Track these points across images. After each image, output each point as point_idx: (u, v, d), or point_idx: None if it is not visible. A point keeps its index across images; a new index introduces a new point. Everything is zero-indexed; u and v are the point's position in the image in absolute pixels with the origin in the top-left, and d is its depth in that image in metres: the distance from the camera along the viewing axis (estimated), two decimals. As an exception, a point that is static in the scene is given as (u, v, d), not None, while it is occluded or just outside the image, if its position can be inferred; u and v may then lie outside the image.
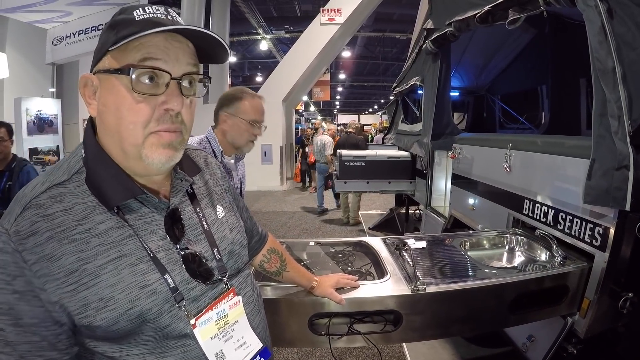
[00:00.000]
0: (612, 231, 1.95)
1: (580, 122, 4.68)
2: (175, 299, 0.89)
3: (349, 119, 34.73)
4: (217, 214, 1.09)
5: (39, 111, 8.48)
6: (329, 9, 11.29)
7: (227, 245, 1.06)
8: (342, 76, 28.34)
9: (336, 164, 6.11)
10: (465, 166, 3.79)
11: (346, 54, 21.21)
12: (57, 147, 8.78)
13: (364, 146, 7.79)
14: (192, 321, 0.91)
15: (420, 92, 5.28)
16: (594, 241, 2.07)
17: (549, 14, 2.40)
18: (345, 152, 5.90)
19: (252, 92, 2.24)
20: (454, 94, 5.99)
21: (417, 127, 5.21)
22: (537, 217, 2.54)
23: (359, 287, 1.77)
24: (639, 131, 1.78)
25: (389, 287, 1.82)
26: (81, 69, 10.18)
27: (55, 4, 7.79)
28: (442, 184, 4.73)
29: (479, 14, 3.00)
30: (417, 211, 6.63)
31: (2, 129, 3.26)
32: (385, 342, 1.88)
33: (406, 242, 2.23)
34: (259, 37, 19.08)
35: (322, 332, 1.76)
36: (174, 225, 0.95)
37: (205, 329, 0.94)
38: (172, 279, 0.89)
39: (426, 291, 1.78)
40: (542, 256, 2.34)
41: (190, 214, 1.01)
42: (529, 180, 2.69)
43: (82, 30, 8.54)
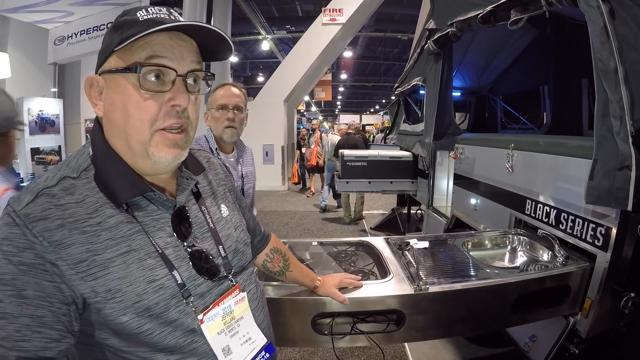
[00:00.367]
0: (614, 231, 1.96)
1: (582, 122, 4.67)
2: (182, 294, 0.91)
3: (350, 119, 34.75)
4: (222, 212, 1.11)
5: (40, 111, 8.48)
6: (330, 9, 11.28)
7: (232, 243, 1.08)
8: (343, 76, 28.32)
9: (338, 164, 6.12)
10: (467, 166, 3.79)
11: (348, 54, 21.18)
12: (59, 147, 8.78)
13: (363, 146, 7.81)
14: (200, 316, 0.93)
15: (422, 92, 5.27)
16: (596, 241, 2.07)
17: (551, 14, 2.40)
18: (347, 152, 5.90)
19: (224, 82, 2.29)
20: (456, 94, 5.98)
21: (419, 127, 5.21)
22: (539, 217, 2.54)
23: (362, 286, 1.78)
24: (641, 131, 1.79)
25: (391, 287, 1.83)
26: (83, 69, 10.17)
27: (57, 4, 7.78)
28: (444, 184, 4.73)
29: (481, 14, 3.00)
30: (419, 211, 6.64)
31: None
32: (387, 341, 1.88)
33: (409, 242, 2.24)
34: (260, 37, 19.06)
35: (325, 332, 1.77)
36: (181, 223, 0.97)
37: (212, 325, 0.95)
38: (179, 275, 0.91)
39: (429, 291, 1.79)
40: (544, 256, 2.34)
41: (196, 212, 1.03)
42: (531, 180, 2.69)
43: (84, 30, 8.53)
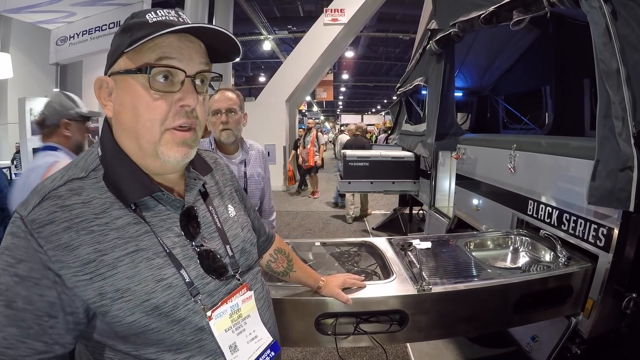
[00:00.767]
0: (616, 232, 1.96)
1: (583, 122, 4.67)
2: (191, 293, 0.92)
3: (352, 119, 34.76)
4: (229, 212, 1.12)
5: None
6: (332, 9, 11.28)
7: (239, 242, 1.09)
8: (345, 76, 28.33)
9: (340, 164, 6.13)
10: (469, 167, 3.80)
11: (349, 54, 21.19)
12: (61, 147, 8.79)
13: (370, 148, 7.83)
14: (209, 313, 0.94)
15: (424, 92, 5.28)
16: (598, 242, 2.08)
17: (553, 14, 2.40)
18: (349, 152, 5.91)
19: (219, 88, 2.36)
20: (458, 94, 5.99)
21: (421, 127, 5.22)
22: (541, 218, 2.55)
23: (365, 287, 1.79)
24: (643, 132, 1.79)
25: (394, 287, 1.83)
26: (85, 70, 10.18)
27: (59, 4, 7.79)
28: (446, 184, 4.73)
29: (483, 15, 3.00)
30: (421, 211, 6.65)
31: None
32: (390, 341, 1.89)
33: (411, 243, 2.23)
34: (262, 37, 19.07)
35: (329, 332, 1.77)
36: (189, 223, 0.98)
37: (220, 322, 0.96)
38: (187, 274, 0.92)
39: (432, 291, 1.80)
40: (546, 257, 2.35)
41: (204, 212, 1.04)
42: (533, 181, 2.70)
43: (86, 30, 8.53)
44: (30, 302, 0.79)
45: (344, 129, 16.43)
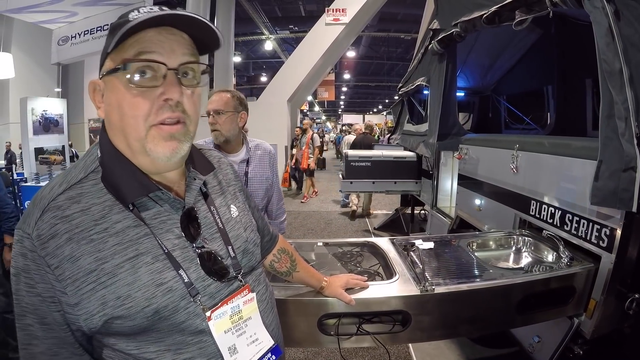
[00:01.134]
0: (618, 232, 1.96)
1: (586, 123, 4.66)
2: (190, 293, 0.91)
3: (353, 119, 34.77)
4: (231, 212, 1.11)
5: (44, 111, 8.52)
6: (333, 9, 11.27)
7: (241, 243, 1.07)
8: (346, 76, 28.35)
9: (342, 164, 6.13)
10: (471, 167, 3.79)
11: (351, 54, 21.18)
12: (63, 146, 8.81)
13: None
14: (208, 313, 0.93)
15: (426, 92, 5.28)
16: (600, 242, 2.07)
17: (555, 14, 2.40)
18: (351, 152, 5.91)
19: (216, 89, 2.48)
20: (460, 94, 5.98)
21: (423, 127, 5.22)
22: (544, 218, 2.54)
23: (368, 287, 1.78)
24: (646, 133, 1.79)
25: (397, 288, 1.83)
26: (86, 69, 10.23)
27: (60, 4, 7.81)
28: (448, 184, 4.73)
29: (485, 15, 3.00)
30: (423, 211, 6.65)
31: None
32: (393, 342, 1.89)
33: (414, 243, 2.24)
34: (263, 37, 19.12)
35: (331, 333, 1.77)
36: (190, 224, 0.97)
37: (219, 323, 0.96)
38: (186, 275, 0.91)
39: (435, 292, 1.79)
40: (549, 257, 2.34)
41: (205, 212, 1.03)
42: (535, 181, 2.69)
43: (88, 30, 8.56)
44: (54, 317, 0.86)
45: (346, 128, 16.40)
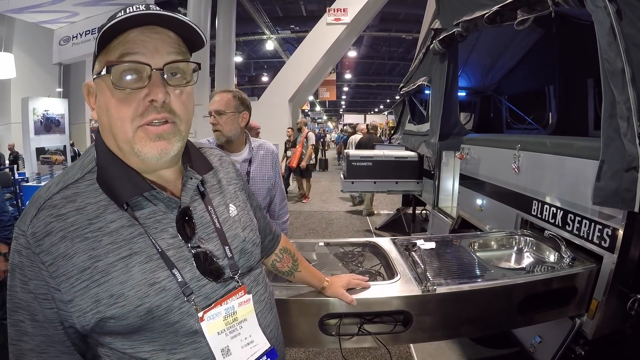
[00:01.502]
0: (620, 232, 1.95)
1: (587, 122, 4.66)
2: (184, 292, 0.91)
3: (354, 118, 34.77)
4: (230, 212, 1.10)
5: (46, 111, 8.53)
6: (335, 9, 11.29)
7: (238, 243, 1.06)
8: (348, 76, 28.36)
9: (344, 163, 6.12)
10: (473, 167, 3.79)
11: (352, 54, 21.20)
12: (64, 146, 8.82)
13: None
14: (200, 314, 0.93)
15: (427, 92, 5.27)
16: (602, 242, 2.07)
17: (557, 14, 2.39)
18: (352, 152, 5.91)
19: (218, 90, 2.51)
20: (461, 94, 5.97)
21: (425, 127, 5.21)
22: (546, 218, 2.54)
23: (369, 287, 1.77)
24: (648, 133, 1.78)
25: (399, 288, 1.82)
26: (88, 69, 10.22)
27: (62, 4, 7.82)
28: (450, 184, 4.72)
29: (487, 15, 3.00)
30: (424, 211, 6.64)
31: None
32: (394, 342, 1.88)
33: (415, 243, 2.24)
34: (264, 37, 19.13)
35: (333, 333, 1.76)
36: (186, 223, 0.96)
37: (212, 324, 0.95)
38: (180, 274, 0.91)
39: (436, 292, 1.79)
40: (551, 257, 2.34)
41: (201, 212, 1.02)
42: (537, 181, 2.69)
43: (89, 30, 8.57)
44: (45, 314, 0.87)
45: (347, 128, 16.40)
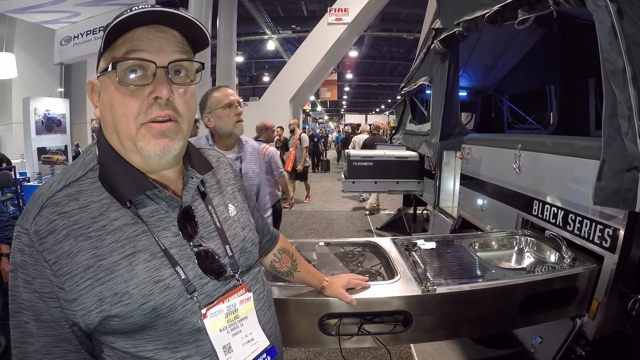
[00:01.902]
0: (621, 232, 1.95)
1: (589, 122, 4.64)
2: (187, 290, 0.91)
3: (356, 118, 34.79)
4: (229, 212, 1.11)
5: (47, 111, 8.55)
6: (336, 9, 11.30)
7: (238, 242, 1.07)
8: (349, 76, 28.34)
9: (345, 163, 6.12)
10: (474, 166, 3.78)
11: (353, 54, 21.19)
12: (65, 146, 8.83)
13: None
14: (203, 311, 0.93)
15: (428, 92, 5.26)
16: (603, 242, 2.06)
17: (558, 13, 2.39)
18: (353, 152, 5.90)
19: (219, 85, 2.48)
20: (462, 94, 5.96)
21: (426, 127, 5.20)
22: (547, 218, 2.53)
23: (369, 287, 1.77)
24: (649, 132, 1.77)
25: (399, 288, 1.82)
26: (89, 69, 10.24)
27: (63, 4, 7.83)
28: (451, 184, 4.71)
29: (487, 14, 2.99)
30: (425, 211, 6.62)
31: None
32: (394, 342, 1.88)
33: (416, 243, 2.23)
34: (266, 37, 19.12)
35: (332, 333, 1.76)
36: (187, 222, 0.97)
37: (215, 321, 0.96)
38: (183, 272, 0.91)
39: (436, 292, 1.79)
40: (552, 257, 2.33)
41: (202, 211, 1.03)
42: (538, 181, 2.68)
43: (90, 30, 8.58)
44: (51, 314, 0.85)
45: (348, 128, 16.43)
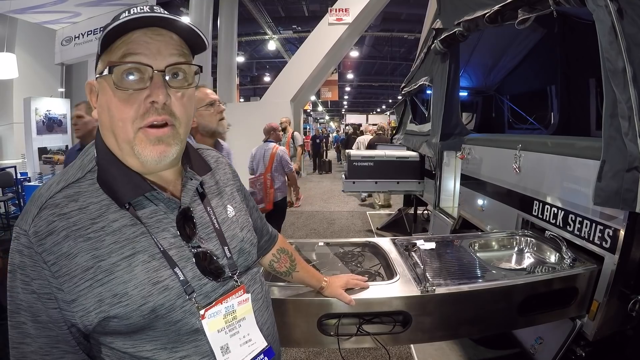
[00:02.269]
0: (622, 233, 1.94)
1: (589, 122, 4.64)
2: (185, 291, 0.91)
3: (357, 119, 34.82)
4: (228, 213, 1.11)
5: (48, 111, 8.56)
6: (336, 9, 11.28)
7: (237, 243, 1.07)
8: (350, 76, 28.32)
9: (345, 164, 6.12)
10: (474, 167, 3.78)
11: (354, 54, 21.19)
12: (66, 146, 8.83)
13: None
14: (202, 312, 0.93)
15: (428, 92, 5.26)
16: (603, 243, 2.06)
17: (558, 13, 2.38)
18: (354, 152, 5.90)
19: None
20: (463, 94, 5.96)
21: (426, 127, 5.20)
22: (547, 219, 2.53)
23: (368, 287, 1.77)
24: (649, 132, 1.77)
25: (398, 288, 1.82)
26: (90, 70, 10.20)
27: (64, 4, 7.82)
28: (451, 184, 4.71)
29: (488, 14, 2.98)
30: (426, 212, 6.62)
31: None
32: (393, 343, 1.87)
33: (415, 243, 2.23)
34: (266, 37, 19.13)
35: (331, 333, 1.76)
36: (186, 223, 0.97)
37: (213, 321, 0.96)
38: (182, 273, 0.91)
39: (435, 292, 1.78)
40: (552, 258, 2.33)
41: (201, 212, 1.03)
42: (538, 181, 2.68)
43: (91, 30, 8.57)
44: (49, 315, 0.85)
45: (349, 129, 16.46)
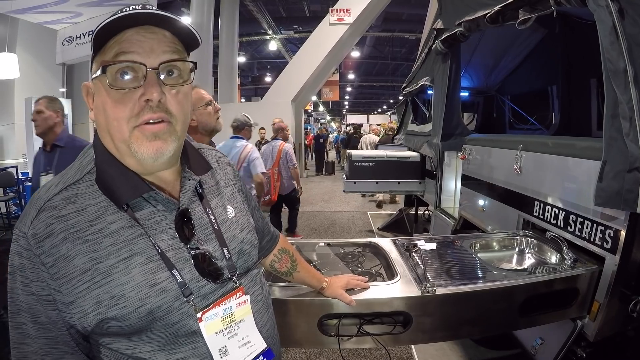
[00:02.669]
0: (622, 234, 1.94)
1: (590, 123, 4.64)
2: (183, 293, 0.91)
3: (358, 119, 34.86)
4: (228, 213, 1.10)
5: (49, 111, 8.53)
6: (338, 9, 11.30)
7: (236, 244, 1.06)
8: (351, 76, 28.32)
9: (346, 164, 6.11)
10: (475, 167, 3.77)
11: (355, 54, 21.19)
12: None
13: None
14: (199, 315, 0.93)
15: (429, 92, 5.26)
16: (604, 244, 2.05)
17: (559, 13, 2.38)
18: (354, 152, 5.90)
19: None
20: (464, 94, 5.96)
21: (427, 127, 5.20)
22: (548, 219, 2.52)
23: (369, 288, 1.77)
24: (650, 133, 1.77)
25: (398, 289, 1.82)
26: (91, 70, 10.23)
27: (65, 5, 7.82)
28: (452, 184, 4.71)
29: (489, 14, 2.99)
30: (427, 212, 6.62)
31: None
32: (394, 343, 1.87)
33: (416, 244, 2.22)
34: (268, 37, 19.13)
35: (332, 333, 1.76)
36: (184, 225, 0.96)
37: (211, 324, 0.95)
38: (180, 275, 0.91)
39: (436, 293, 1.78)
40: (552, 258, 2.32)
41: (200, 213, 1.02)
42: (539, 181, 2.67)
43: (92, 31, 8.53)
44: (48, 316, 0.85)
45: (349, 129, 16.48)
